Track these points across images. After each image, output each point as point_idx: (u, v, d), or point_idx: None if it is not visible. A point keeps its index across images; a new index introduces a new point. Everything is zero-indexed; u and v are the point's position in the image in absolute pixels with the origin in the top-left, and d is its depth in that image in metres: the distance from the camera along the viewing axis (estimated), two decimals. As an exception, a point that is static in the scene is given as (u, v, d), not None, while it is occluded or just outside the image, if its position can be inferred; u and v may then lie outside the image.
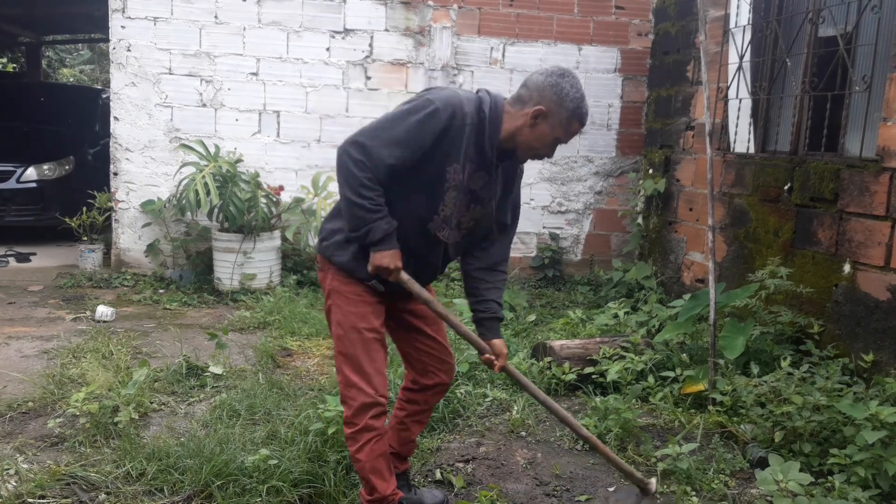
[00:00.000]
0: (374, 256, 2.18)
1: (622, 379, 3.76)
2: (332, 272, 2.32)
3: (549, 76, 2.22)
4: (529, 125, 2.22)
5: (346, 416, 2.32)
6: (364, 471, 2.32)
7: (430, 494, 2.69)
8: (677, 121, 5.73)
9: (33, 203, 7.24)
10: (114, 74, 5.90)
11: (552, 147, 2.29)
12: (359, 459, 2.31)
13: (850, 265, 3.67)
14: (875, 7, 3.66)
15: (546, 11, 6.25)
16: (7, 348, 4.26)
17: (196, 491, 2.66)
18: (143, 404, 3.39)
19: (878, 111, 3.60)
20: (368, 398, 2.27)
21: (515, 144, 2.27)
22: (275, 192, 5.91)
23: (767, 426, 3.14)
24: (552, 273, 6.43)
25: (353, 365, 2.29)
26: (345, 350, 2.30)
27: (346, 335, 2.30)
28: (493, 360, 2.41)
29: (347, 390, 2.30)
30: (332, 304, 2.33)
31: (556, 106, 2.20)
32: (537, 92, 2.21)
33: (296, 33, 5.99)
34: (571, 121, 2.23)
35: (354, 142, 2.13)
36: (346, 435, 2.33)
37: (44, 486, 2.66)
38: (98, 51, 16.88)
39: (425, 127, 2.13)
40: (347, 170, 2.12)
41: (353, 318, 2.29)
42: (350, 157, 2.12)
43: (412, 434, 2.63)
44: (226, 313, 5.24)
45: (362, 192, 2.12)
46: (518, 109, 2.24)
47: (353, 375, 2.28)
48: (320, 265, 2.39)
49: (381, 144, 2.12)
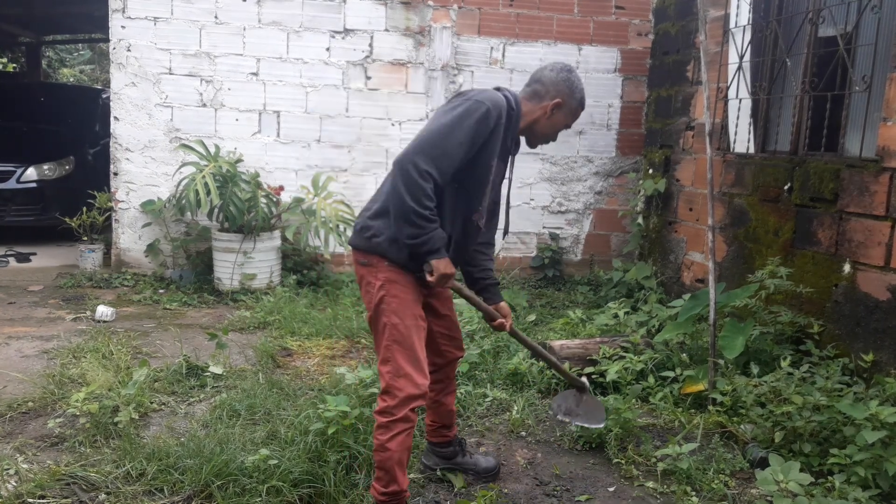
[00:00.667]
0: (437, 264, 2.34)
1: (622, 379, 3.76)
2: (384, 265, 2.42)
3: (560, 72, 2.53)
4: (548, 116, 2.53)
5: (388, 405, 2.37)
6: (391, 461, 2.36)
7: (484, 459, 2.91)
8: (677, 121, 5.73)
9: (33, 203, 7.24)
10: (114, 74, 5.90)
11: (559, 133, 2.63)
12: (388, 448, 2.36)
13: (850, 265, 3.67)
14: (875, 7, 3.66)
15: (546, 11, 6.25)
16: (7, 348, 4.26)
17: (196, 491, 2.66)
18: (143, 404, 3.39)
19: (878, 111, 3.60)
20: (416, 390, 2.37)
21: (531, 134, 2.59)
22: (275, 192, 5.91)
23: (767, 426, 3.14)
24: (552, 273, 6.43)
25: (407, 353, 2.38)
26: (400, 338, 2.38)
27: (402, 322, 2.39)
28: (503, 322, 2.63)
29: (396, 380, 2.37)
30: (387, 294, 2.40)
31: (568, 97, 2.53)
32: (553, 87, 2.52)
33: (296, 33, 6.00)
34: (578, 109, 2.58)
35: (420, 153, 2.27)
36: (380, 423, 2.38)
37: (44, 486, 2.66)
38: (98, 51, 16.88)
39: (481, 127, 2.34)
40: (413, 180, 2.24)
41: (410, 306, 2.42)
42: (416, 169, 2.25)
43: (449, 405, 2.81)
44: (226, 313, 5.24)
45: (425, 203, 2.26)
46: (536, 104, 2.53)
47: (408, 365, 2.37)
48: (366, 261, 2.46)
49: (443, 154, 2.29)
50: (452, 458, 2.89)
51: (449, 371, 2.78)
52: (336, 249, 6.15)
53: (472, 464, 2.89)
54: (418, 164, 2.26)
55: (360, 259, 2.49)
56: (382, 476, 2.40)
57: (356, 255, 2.51)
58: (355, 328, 4.76)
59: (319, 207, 5.67)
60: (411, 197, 2.24)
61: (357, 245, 2.50)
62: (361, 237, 2.48)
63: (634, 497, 2.83)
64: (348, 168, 6.22)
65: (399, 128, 6.21)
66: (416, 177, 2.24)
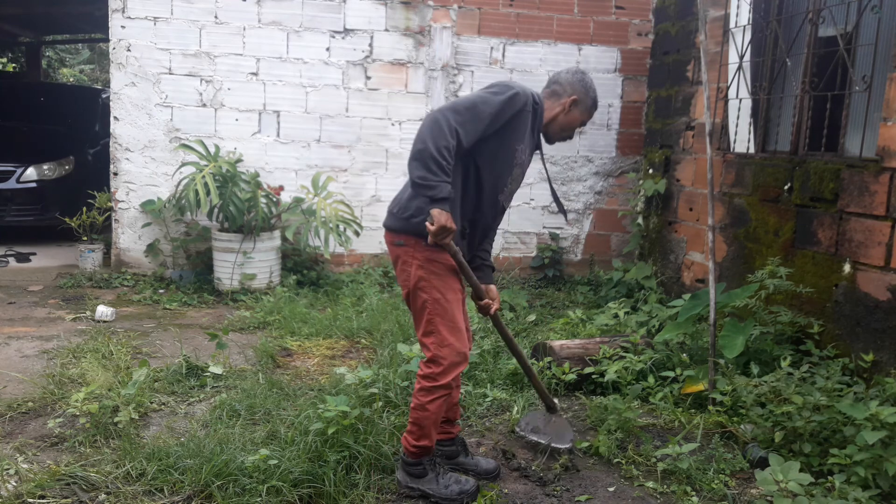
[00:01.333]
0: (438, 214, 2.40)
1: (622, 379, 3.77)
2: (421, 245, 2.56)
3: (575, 74, 2.80)
4: (566, 112, 2.76)
5: (433, 371, 2.58)
6: (427, 420, 2.60)
7: (485, 461, 2.99)
8: (677, 121, 5.73)
9: (33, 203, 7.23)
10: (114, 74, 5.90)
11: (575, 130, 2.85)
12: (427, 409, 2.59)
13: (850, 265, 3.67)
14: (875, 7, 3.66)
15: (546, 11, 6.25)
16: (7, 348, 4.26)
17: (196, 491, 2.66)
18: (143, 404, 3.39)
19: (878, 111, 3.60)
20: (460, 357, 2.59)
21: (550, 130, 2.80)
22: (275, 192, 5.91)
23: (767, 426, 3.14)
24: (552, 273, 6.43)
25: (449, 324, 2.57)
26: (442, 311, 2.57)
27: (443, 297, 2.57)
28: (490, 303, 2.77)
29: (441, 349, 2.57)
30: (427, 271, 2.57)
31: (584, 95, 2.77)
32: (570, 86, 2.76)
33: (296, 33, 5.99)
34: (593, 107, 2.82)
35: (454, 111, 2.44)
36: (423, 386, 2.59)
37: (44, 486, 2.66)
38: (98, 51, 16.89)
39: (507, 106, 2.55)
40: (440, 129, 2.40)
41: (450, 281, 2.60)
42: (447, 122, 2.41)
43: (454, 398, 2.90)
44: (226, 313, 5.24)
45: (444, 153, 2.39)
46: (555, 101, 2.77)
47: (450, 335, 2.57)
48: (403, 241, 2.61)
49: (472, 118, 2.48)
50: (454, 458, 2.93)
51: None
52: (336, 249, 6.15)
53: (474, 464, 2.94)
54: (449, 119, 2.42)
55: (395, 240, 2.64)
56: (416, 431, 2.65)
57: (390, 237, 2.66)
58: (355, 328, 4.76)
59: (319, 207, 5.67)
60: (433, 143, 2.38)
61: (392, 226, 2.65)
62: (398, 218, 2.62)
63: (634, 497, 2.83)
64: (348, 168, 6.21)
65: (399, 128, 6.21)
66: (444, 127, 2.40)
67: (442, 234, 2.44)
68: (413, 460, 2.69)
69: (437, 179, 2.38)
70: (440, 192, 2.40)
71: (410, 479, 2.70)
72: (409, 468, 2.70)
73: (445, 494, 2.66)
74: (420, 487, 2.69)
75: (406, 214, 2.59)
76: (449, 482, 2.69)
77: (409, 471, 2.71)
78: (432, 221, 2.42)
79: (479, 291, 2.75)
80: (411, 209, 2.58)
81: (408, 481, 2.71)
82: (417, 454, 2.68)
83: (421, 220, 2.52)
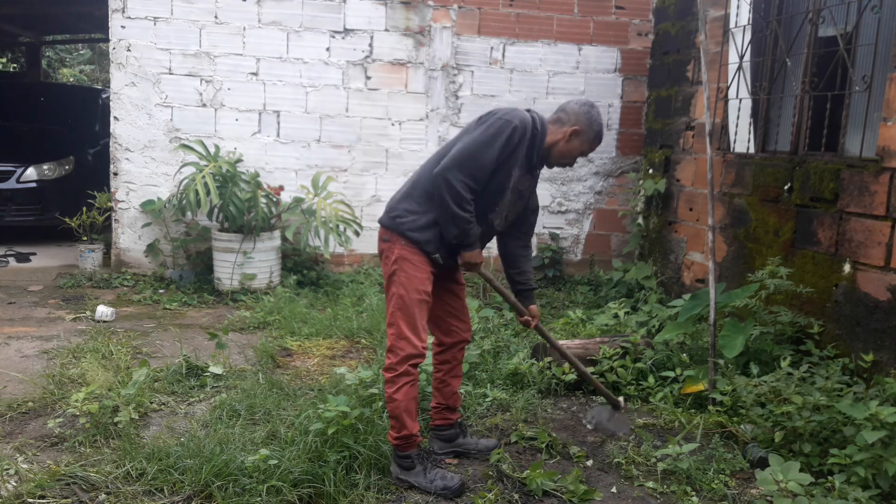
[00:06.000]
0: (468, 255, 2.80)
1: (622, 379, 3.76)
2: (401, 244, 2.76)
3: (583, 105, 2.87)
4: (566, 140, 2.85)
5: (391, 362, 2.74)
6: (398, 409, 2.73)
7: (484, 441, 3.17)
8: (677, 121, 5.73)
9: (33, 203, 7.23)
10: (114, 74, 5.90)
11: (576, 158, 2.94)
12: (395, 399, 2.72)
13: (850, 265, 3.67)
14: (875, 7, 3.66)
15: (546, 11, 6.25)
16: (7, 348, 4.26)
17: (196, 491, 2.66)
18: (143, 404, 3.39)
19: (878, 111, 3.60)
20: (414, 350, 2.73)
21: (550, 154, 2.89)
22: (275, 192, 5.91)
23: (767, 426, 3.14)
24: (552, 273, 6.43)
25: (408, 321, 2.73)
26: (404, 307, 2.74)
27: (407, 295, 2.74)
28: (529, 320, 3.09)
29: (398, 341, 2.73)
30: (399, 268, 2.75)
31: (586, 127, 2.85)
32: (574, 116, 2.85)
33: (296, 33, 6.00)
34: (595, 140, 2.89)
35: (460, 166, 2.66)
36: (387, 378, 2.75)
37: (44, 486, 2.66)
38: (98, 51, 16.88)
39: (509, 143, 2.72)
40: (456, 191, 2.65)
41: (416, 282, 2.75)
42: (459, 180, 2.65)
43: (453, 388, 3.10)
44: (226, 313, 5.24)
45: (466, 208, 2.68)
46: (558, 128, 2.87)
47: (407, 330, 2.73)
48: (388, 237, 2.81)
49: (479, 167, 2.68)
50: (454, 441, 3.11)
51: (457, 353, 3.07)
52: (336, 249, 6.15)
53: (473, 444, 3.13)
54: (459, 176, 2.65)
55: (383, 235, 2.84)
56: (395, 424, 2.77)
57: (381, 232, 2.86)
58: (355, 328, 4.76)
59: (319, 207, 5.67)
60: (456, 205, 2.66)
61: (383, 222, 2.85)
62: (388, 216, 2.83)
63: (634, 497, 2.83)
64: (348, 168, 6.22)
65: (399, 127, 6.21)
66: (458, 187, 2.64)
67: (473, 268, 2.85)
68: (402, 453, 2.80)
69: (468, 232, 2.72)
70: (470, 240, 2.75)
71: (400, 470, 2.82)
72: (399, 460, 2.82)
73: (430, 488, 2.76)
74: (408, 479, 2.80)
75: (393, 214, 2.81)
76: (434, 477, 2.79)
77: (399, 462, 2.82)
78: (462, 258, 2.83)
79: (519, 310, 3.09)
80: (397, 210, 2.81)
81: (398, 473, 2.82)
82: (403, 446, 2.79)
83: (406, 222, 2.76)
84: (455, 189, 2.64)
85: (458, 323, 3.03)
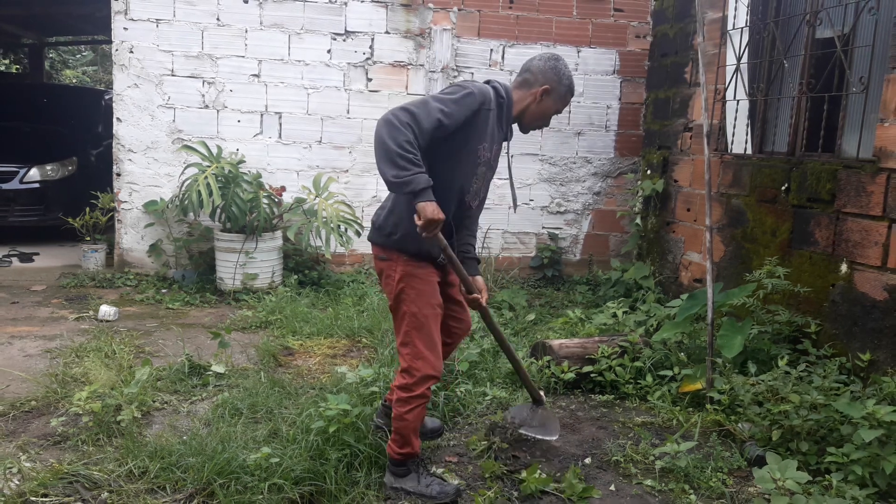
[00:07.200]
0: (423, 207, 2.37)
1: (620, 378, 3.79)
2: (403, 260, 2.64)
3: (548, 61, 2.73)
4: (538, 101, 2.72)
5: (407, 382, 2.64)
6: (407, 429, 2.67)
7: (430, 420, 3.19)
8: (675, 122, 5.76)
9: (36, 203, 7.27)
10: (116, 76, 5.94)
11: (551, 118, 2.81)
12: (406, 419, 2.66)
13: (847, 265, 3.69)
14: (872, 9, 3.68)
15: (545, 13, 6.28)
16: (10, 347, 4.29)
17: (198, 489, 2.68)
18: (146, 403, 3.41)
19: (875, 112, 3.62)
20: (433, 371, 2.63)
21: (523, 120, 2.77)
22: (276, 192, 5.94)
23: (765, 425, 3.16)
24: (551, 273, 6.45)
25: (425, 338, 2.63)
26: (418, 325, 2.62)
27: (420, 311, 2.62)
28: (478, 297, 2.78)
29: (415, 361, 2.62)
30: (406, 286, 2.63)
31: (556, 83, 2.72)
32: (541, 74, 2.72)
33: (297, 35, 6.03)
34: (568, 94, 2.77)
35: (402, 108, 2.41)
36: (399, 397, 2.66)
37: (46, 484, 2.68)
38: (101, 52, 16.92)
39: (462, 104, 2.50)
40: (394, 126, 2.36)
41: (427, 296, 2.64)
42: (397, 118, 2.37)
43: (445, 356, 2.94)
44: (228, 313, 5.27)
45: (406, 146, 2.35)
46: (526, 91, 2.73)
47: (425, 349, 2.62)
48: (386, 256, 2.67)
49: (425, 113, 2.42)
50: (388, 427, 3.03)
51: (451, 349, 3.03)
52: (337, 249, 6.18)
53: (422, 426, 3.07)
54: (398, 114, 2.38)
55: (380, 254, 2.71)
56: (398, 440, 2.71)
57: (375, 251, 2.73)
58: (356, 328, 4.79)
59: (321, 208, 5.70)
60: (392, 140, 2.34)
61: (376, 241, 2.72)
62: (380, 235, 2.69)
63: (633, 495, 2.85)
64: (349, 169, 6.24)
65: (400, 129, 6.23)
66: (396, 123, 2.36)
67: (430, 227, 2.41)
68: (398, 460, 2.76)
69: (410, 173, 2.33)
70: (418, 184, 2.35)
71: (395, 479, 2.76)
72: (394, 468, 2.77)
73: (427, 493, 2.70)
74: (403, 487, 2.74)
75: (385, 232, 2.67)
76: (430, 482, 2.73)
77: (393, 471, 2.77)
78: (419, 216, 2.39)
79: (468, 285, 2.75)
80: (388, 226, 2.66)
81: (392, 482, 2.76)
82: (401, 461, 2.75)
83: (400, 236, 2.60)
84: (392, 124, 2.35)
85: (458, 325, 2.97)
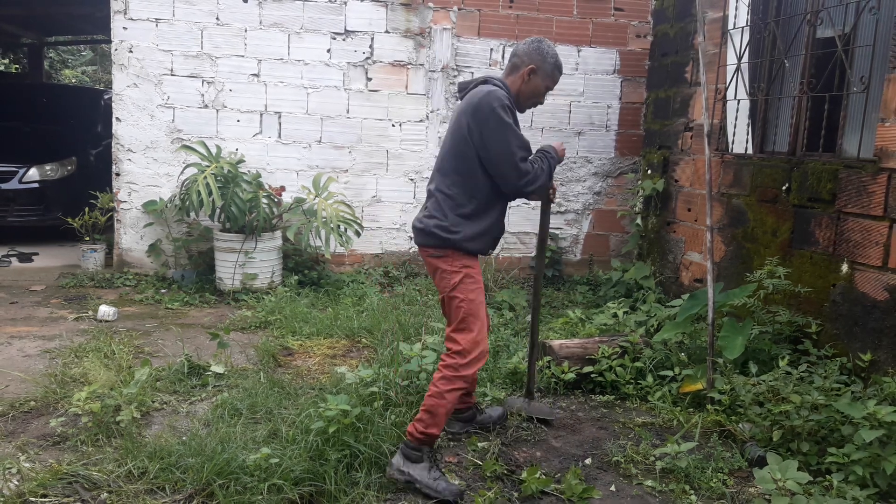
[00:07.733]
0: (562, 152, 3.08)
1: (621, 378, 3.78)
2: (463, 258, 2.88)
3: (531, 43, 2.95)
4: (526, 81, 2.93)
5: (458, 362, 2.80)
6: (442, 408, 2.78)
7: (493, 410, 3.43)
8: (676, 122, 5.75)
9: (35, 203, 7.26)
10: (116, 75, 5.93)
11: (544, 95, 3.01)
12: (445, 398, 2.78)
13: (847, 265, 3.68)
14: (873, 8, 3.68)
15: (545, 13, 6.27)
16: (9, 348, 4.28)
17: (197, 489, 2.67)
18: (145, 403, 3.41)
19: (876, 112, 3.62)
20: (486, 352, 2.88)
21: (519, 102, 2.96)
22: (276, 192, 5.93)
23: (766, 425, 3.16)
24: (551, 273, 6.44)
25: (480, 324, 2.85)
26: (475, 312, 2.85)
27: (476, 299, 2.86)
28: None
29: (475, 345, 2.82)
30: (465, 277, 2.87)
31: (541, 62, 2.92)
32: (527, 56, 2.93)
33: (297, 35, 6.02)
34: (554, 71, 2.96)
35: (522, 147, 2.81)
36: (445, 375, 2.80)
37: (46, 484, 2.68)
38: (100, 52, 16.92)
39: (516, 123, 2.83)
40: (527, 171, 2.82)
41: (480, 289, 2.90)
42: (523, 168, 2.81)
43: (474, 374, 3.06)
44: (227, 313, 5.26)
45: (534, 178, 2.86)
46: (515, 75, 2.94)
47: (479, 333, 2.84)
48: (441, 254, 2.88)
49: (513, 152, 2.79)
50: (472, 420, 3.32)
51: None
52: (337, 249, 6.17)
53: (488, 417, 3.36)
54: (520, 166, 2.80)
55: (435, 253, 2.90)
56: (427, 419, 2.79)
57: (429, 251, 2.92)
58: (356, 328, 4.78)
59: (320, 208, 5.69)
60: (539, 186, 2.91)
61: (428, 244, 2.91)
62: (437, 237, 2.86)
63: (633, 495, 2.85)
64: (349, 168, 6.24)
65: (399, 128, 6.23)
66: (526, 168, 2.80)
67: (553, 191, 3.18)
68: (415, 444, 2.79)
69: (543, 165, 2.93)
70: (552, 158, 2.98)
71: (405, 462, 2.78)
72: (408, 451, 2.79)
73: (433, 486, 2.73)
74: (411, 472, 2.76)
75: (447, 233, 2.85)
76: (439, 476, 2.77)
77: (407, 454, 2.79)
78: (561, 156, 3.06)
79: None
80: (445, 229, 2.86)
81: (401, 464, 2.78)
82: (422, 441, 2.79)
83: (464, 237, 2.84)
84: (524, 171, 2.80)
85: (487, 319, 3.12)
